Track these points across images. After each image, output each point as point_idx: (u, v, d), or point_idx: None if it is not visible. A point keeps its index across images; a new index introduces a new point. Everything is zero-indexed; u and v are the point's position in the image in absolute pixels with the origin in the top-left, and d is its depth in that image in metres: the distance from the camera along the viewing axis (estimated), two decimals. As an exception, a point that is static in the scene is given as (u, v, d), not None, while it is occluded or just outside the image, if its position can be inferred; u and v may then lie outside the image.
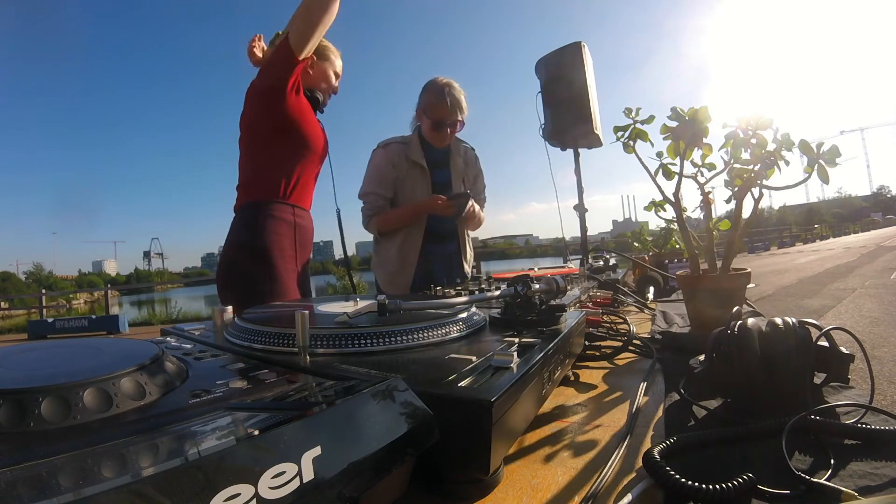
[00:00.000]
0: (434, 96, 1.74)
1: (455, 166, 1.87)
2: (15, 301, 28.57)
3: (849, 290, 5.18)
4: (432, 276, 1.79)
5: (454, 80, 1.77)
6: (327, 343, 0.48)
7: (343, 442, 0.27)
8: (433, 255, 1.83)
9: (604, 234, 73.08)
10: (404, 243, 1.79)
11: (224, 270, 1.31)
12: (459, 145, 1.92)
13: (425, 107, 1.76)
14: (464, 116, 1.78)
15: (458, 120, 1.77)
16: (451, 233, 1.89)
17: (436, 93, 1.73)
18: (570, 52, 2.12)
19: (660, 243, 2.25)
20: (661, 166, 0.86)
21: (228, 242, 1.33)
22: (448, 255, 1.89)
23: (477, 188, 1.95)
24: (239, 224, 1.33)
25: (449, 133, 1.78)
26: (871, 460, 0.38)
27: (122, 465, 0.21)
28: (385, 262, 1.81)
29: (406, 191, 1.80)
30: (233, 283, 1.30)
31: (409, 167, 1.79)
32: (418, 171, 1.80)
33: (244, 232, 1.31)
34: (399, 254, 1.78)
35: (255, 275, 1.27)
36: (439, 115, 1.73)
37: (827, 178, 0.70)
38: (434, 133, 1.78)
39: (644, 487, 0.37)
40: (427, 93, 1.77)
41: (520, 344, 0.48)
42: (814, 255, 12.27)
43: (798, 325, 0.50)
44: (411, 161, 1.79)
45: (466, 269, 1.93)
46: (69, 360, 0.35)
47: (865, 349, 0.50)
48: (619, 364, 0.76)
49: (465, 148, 1.95)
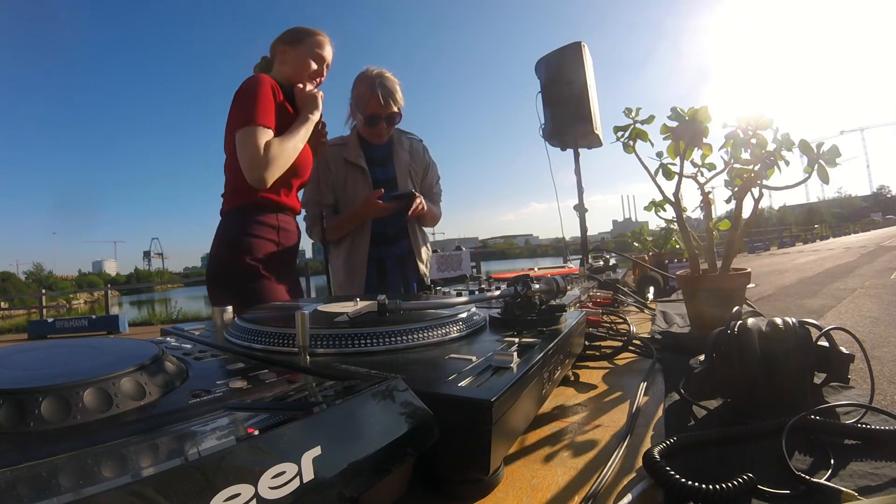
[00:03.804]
0: (365, 88, 1.61)
1: (399, 161, 1.73)
2: (15, 301, 28.57)
3: (849, 290, 5.18)
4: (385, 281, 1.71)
5: (386, 69, 1.67)
6: (327, 343, 0.48)
7: (343, 442, 0.27)
8: (384, 258, 1.72)
9: (604, 234, 73.05)
10: (351, 250, 1.68)
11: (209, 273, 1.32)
12: (403, 138, 1.78)
13: (357, 101, 1.65)
14: (400, 107, 1.66)
15: (394, 112, 1.65)
16: (400, 233, 1.74)
17: (367, 85, 1.61)
18: (570, 52, 2.12)
19: (660, 243, 2.25)
20: (661, 166, 0.86)
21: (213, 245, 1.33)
22: (400, 256, 1.75)
23: (428, 182, 1.82)
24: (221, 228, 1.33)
25: (386, 127, 1.66)
26: (871, 460, 0.38)
27: (122, 465, 0.21)
28: (334, 271, 1.68)
29: (347, 194, 1.68)
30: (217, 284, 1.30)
31: (348, 169, 1.68)
32: (358, 173, 1.68)
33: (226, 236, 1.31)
34: (347, 262, 1.67)
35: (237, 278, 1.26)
36: (372, 109, 1.61)
37: (827, 178, 0.70)
38: (369, 129, 1.66)
39: (644, 487, 0.37)
40: (358, 86, 1.65)
41: (520, 344, 0.48)
42: (814, 255, 12.27)
43: (798, 325, 0.50)
44: (349, 162, 1.68)
45: (423, 270, 1.77)
46: (69, 360, 0.35)
47: (865, 349, 0.50)
48: (619, 364, 0.76)
49: (410, 140, 1.80)
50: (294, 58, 1.39)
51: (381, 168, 1.72)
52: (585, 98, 2.08)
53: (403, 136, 1.79)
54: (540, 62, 2.23)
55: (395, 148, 1.75)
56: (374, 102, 1.61)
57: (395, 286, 1.72)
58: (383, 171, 1.73)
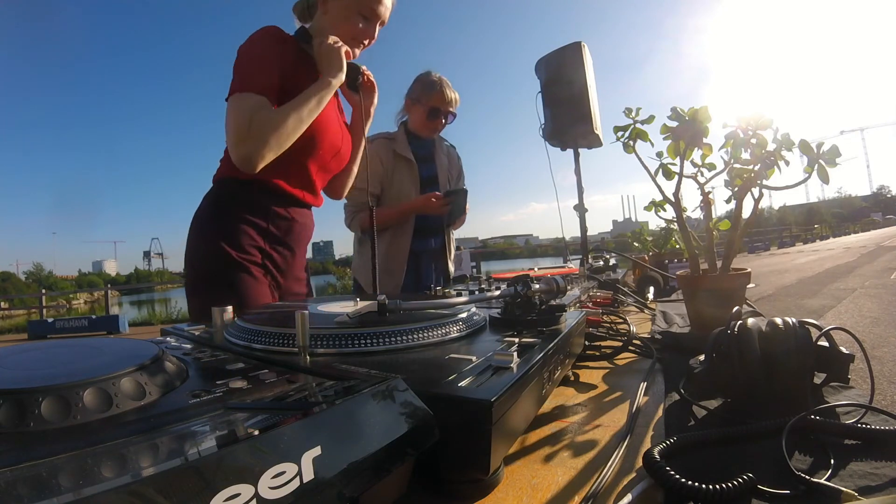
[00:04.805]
0: (432, 85, 1.76)
1: (440, 162, 1.87)
2: (15, 301, 28.58)
3: (849, 290, 5.18)
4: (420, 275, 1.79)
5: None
6: (327, 343, 0.48)
7: (343, 442, 0.27)
8: (421, 253, 1.80)
9: (604, 234, 73.08)
10: (393, 242, 1.73)
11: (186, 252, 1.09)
12: (441, 142, 1.92)
13: (420, 95, 1.77)
14: (455, 111, 1.81)
15: (452, 111, 1.80)
16: (437, 229, 1.86)
17: (433, 82, 1.76)
18: (570, 52, 2.12)
19: (660, 243, 2.25)
20: (661, 166, 0.86)
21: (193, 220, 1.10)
22: (435, 252, 1.86)
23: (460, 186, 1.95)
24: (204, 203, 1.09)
25: (442, 123, 1.80)
26: (871, 460, 0.38)
27: (122, 465, 0.21)
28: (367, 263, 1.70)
29: (393, 187, 1.76)
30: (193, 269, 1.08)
31: (396, 161, 1.77)
32: (405, 166, 1.77)
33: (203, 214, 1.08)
34: (388, 253, 1.72)
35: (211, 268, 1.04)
36: (436, 103, 1.75)
37: (827, 178, 0.70)
38: (428, 122, 1.78)
39: (644, 487, 0.37)
40: (422, 83, 1.78)
41: (520, 344, 0.48)
42: (814, 255, 12.27)
43: (798, 325, 0.50)
44: (398, 155, 1.77)
45: (451, 267, 1.91)
46: (69, 360, 0.35)
47: (865, 349, 0.50)
48: (619, 364, 0.76)
49: (447, 145, 1.96)
50: (338, 8, 1.07)
51: (424, 165, 1.82)
52: (585, 98, 2.08)
53: (442, 141, 1.93)
54: (540, 62, 2.23)
55: (437, 149, 1.88)
56: (439, 97, 1.75)
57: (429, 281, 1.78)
58: (426, 168, 1.83)
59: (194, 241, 1.08)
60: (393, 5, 1.12)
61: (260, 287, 1.07)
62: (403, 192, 1.75)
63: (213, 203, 1.08)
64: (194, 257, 1.07)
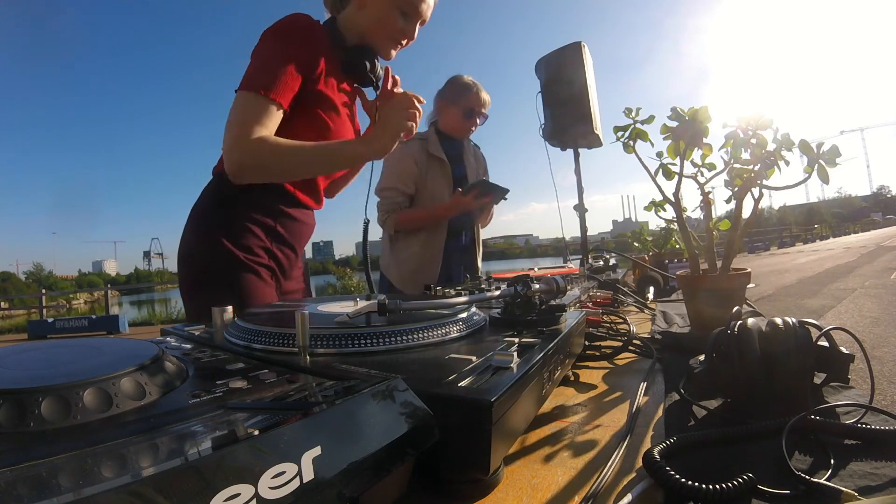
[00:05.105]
0: (468, 87, 1.84)
1: (468, 162, 1.93)
2: (15, 301, 28.58)
3: (849, 290, 5.18)
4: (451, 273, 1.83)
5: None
6: (327, 343, 0.48)
7: (343, 442, 0.27)
8: (453, 251, 1.85)
9: (604, 234, 73.06)
10: (427, 240, 1.79)
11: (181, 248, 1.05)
12: (469, 142, 1.97)
13: (456, 96, 1.83)
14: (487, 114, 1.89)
15: (485, 113, 1.87)
16: (468, 227, 1.93)
17: (469, 84, 1.84)
18: (570, 52, 2.12)
19: (660, 243, 2.25)
20: (661, 166, 0.86)
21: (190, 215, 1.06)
22: (465, 249, 1.92)
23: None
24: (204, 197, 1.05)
25: (476, 124, 1.87)
26: (871, 460, 0.38)
27: (122, 465, 0.21)
28: (405, 260, 1.80)
29: (426, 188, 1.81)
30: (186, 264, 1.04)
31: (430, 162, 1.82)
32: (437, 166, 1.83)
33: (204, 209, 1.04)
34: (422, 251, 1.79)
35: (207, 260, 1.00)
36: (472, 104, 1.82)
37: (827, 178, 0.70)
38: (463, 122, 1.84)
39: (644, 487, 0.37)
40: (458, 84, 1.86)
41: (520, 344, 0.48)
42: (814, 255, 12.27)
43: (798, 325, 0.50)
44: (431, 155, 1.82)
45: (479, 265, 1.97)
46: (69, 360, 0.35)
47: (865, 349, 0.50)
48: (619, 364, 0.76)
49: (472, 145, 2.01)
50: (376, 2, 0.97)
51: (455, 165, 1.88)
52: (585, 98, 2.08)
53: (469, 141, 1.99)
54: (540, 62, 2.23)
55: (465, 149, 1.95)
56: (475, 99, 1.83)
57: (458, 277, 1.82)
58: (457, 168, 1.89)
59: (193, 238, 1.03)
60: (435, 3, 1.04)
61: (267, 289, 1.04)
62: (437, 192, 1.81)
63: (215, 198, 1.03)
64: (193, 254, 1.03)
